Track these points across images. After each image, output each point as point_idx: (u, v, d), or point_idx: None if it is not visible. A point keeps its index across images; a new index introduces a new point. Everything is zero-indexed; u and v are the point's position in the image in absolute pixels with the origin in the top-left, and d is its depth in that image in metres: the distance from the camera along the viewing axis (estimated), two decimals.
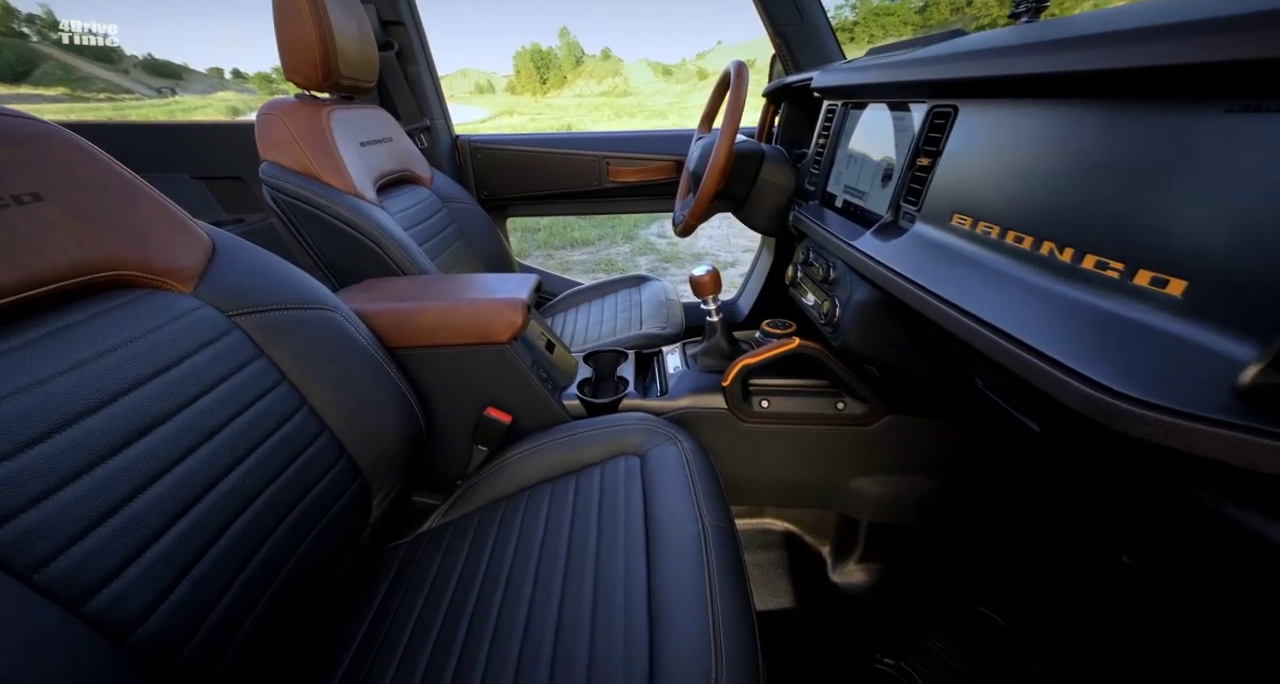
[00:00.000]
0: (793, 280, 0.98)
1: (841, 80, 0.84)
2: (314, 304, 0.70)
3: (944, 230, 0.56)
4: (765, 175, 1.11)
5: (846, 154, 0.87)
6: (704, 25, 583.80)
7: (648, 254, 4.91)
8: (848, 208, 0.84)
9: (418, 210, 1.23)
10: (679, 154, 1.61)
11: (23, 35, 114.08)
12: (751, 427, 0.91)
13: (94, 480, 0.44)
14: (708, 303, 0.96)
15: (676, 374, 0.98)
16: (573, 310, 1.52)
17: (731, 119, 0.97)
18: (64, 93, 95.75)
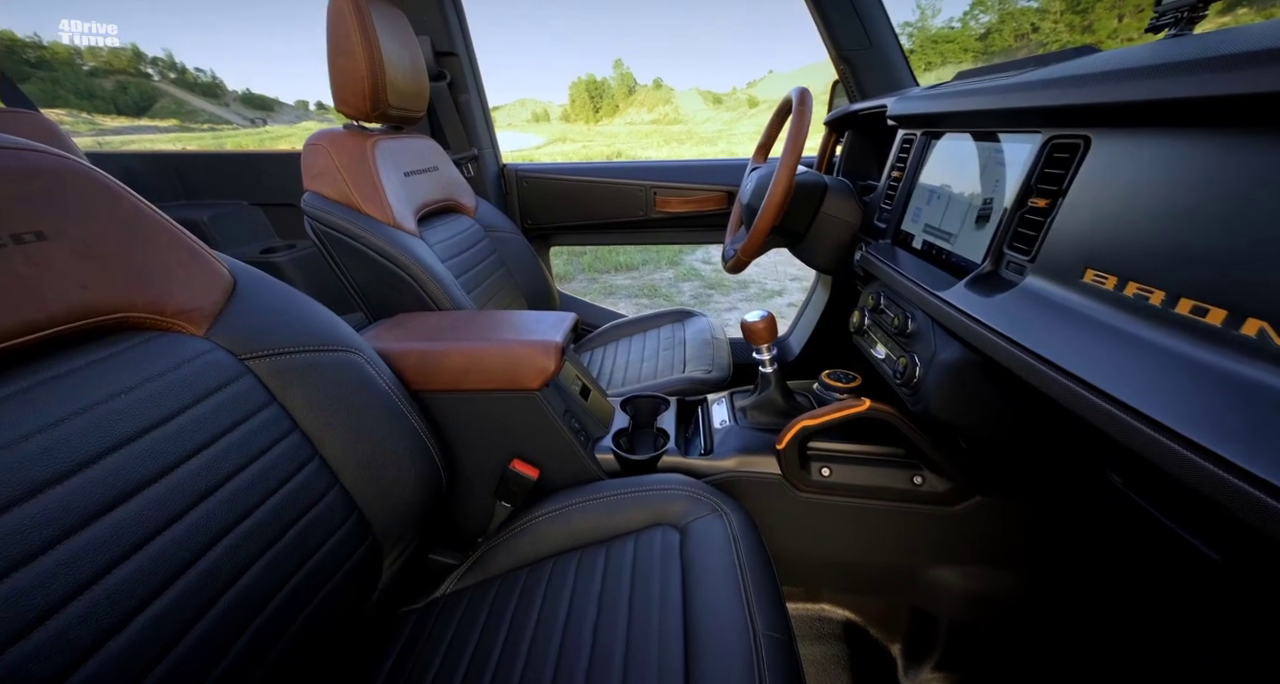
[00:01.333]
0: (859, 328, 0.87)
1: (928, 107, 0.74)
2: (334, 346, 0.65)
3: (1070, 288, 0.45)
4: (827, 209, 1.01)
5: (927, 189, 0.77)
6: (755, 55, 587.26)
7: (691, 280, 4.84)
8: (929, 250, 0.73)
9: (459, 240, 1.20)
10: (730, 185, 1.53)
11: (146, 75, 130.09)
12: (809, 497, 0.79)
13: (66, 550, 0.39)
14: (761, 352, 0.86)
15: (723, 429, 0.88)
16: (612, 345, 1.45)
17: (793, 149, 0.88)
18: (175, 124, 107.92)
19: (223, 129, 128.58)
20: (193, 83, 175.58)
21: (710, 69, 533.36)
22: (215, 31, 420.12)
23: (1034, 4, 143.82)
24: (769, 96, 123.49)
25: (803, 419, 0.75)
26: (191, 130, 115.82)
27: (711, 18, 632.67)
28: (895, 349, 0.74)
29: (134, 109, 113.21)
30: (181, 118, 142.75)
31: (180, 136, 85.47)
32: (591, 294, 4.54)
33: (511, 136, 73.11)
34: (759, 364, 0.87)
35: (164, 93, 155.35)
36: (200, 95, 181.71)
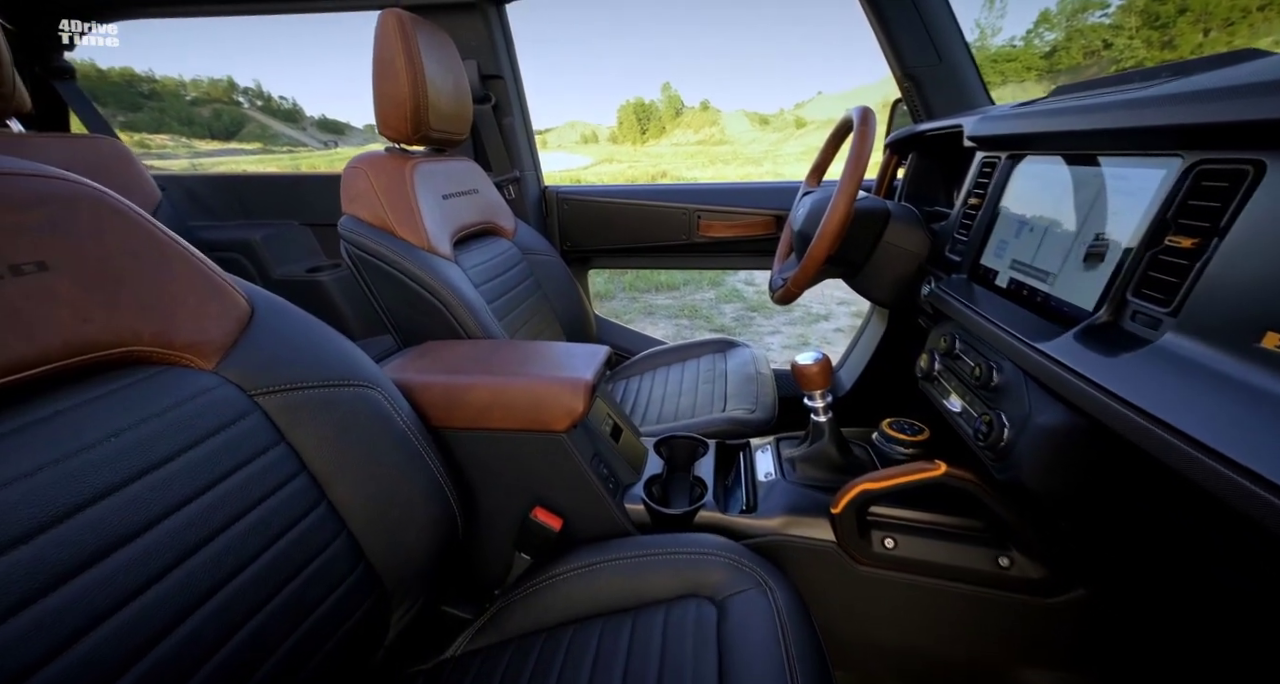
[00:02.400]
0: (927, 373, 0.76)
1: (1023, 127, 0.65)
2: (350, 380, 0.61)
3: (1240, 356, 0.35)
4: (890, 238, 0.91)
5: (1014, 219, 0.66)
6: (804, 76, 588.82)
7: (733, 302, 4.73)
8: (1018, 290, 0.63)
9: (496, 263, 1.17)
10: (779, 209, 1.45)
11: (237, 104, 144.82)
12: (869, 571, 0.68)
13: (57, 599, 0.36)
14: (814, 398, 0.77)
15: (768, 483, 0.78)
16: (649, 374, 1.38)
17: (853, 172, 0.80)
18: (259, 146, 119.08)
19: (299, 151, 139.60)
20: (276, 109, 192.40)
21: (757, 91, 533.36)
22: (298, 62, 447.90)
23: (1105, 20, 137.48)
24: (817, 117, 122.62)
25: (864, 481, 0.65)
26: (272, 152, 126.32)
27: (760, 40, 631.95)
28: (976, 403, 0.63)
29: (225, 133, 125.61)
30: (265, 141, 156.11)
31: (262, 158, 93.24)
32: (631, 313, 4.50)
33: (560, 157, 75.50)
34: (811, 411, 0.77)
35: (251, 119, 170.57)
36: (282, 120, 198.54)
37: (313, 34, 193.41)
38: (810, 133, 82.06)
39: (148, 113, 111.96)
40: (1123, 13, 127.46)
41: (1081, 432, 0.49)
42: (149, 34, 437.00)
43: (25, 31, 1.29)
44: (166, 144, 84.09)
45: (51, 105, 1.36)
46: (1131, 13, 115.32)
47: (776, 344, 3.72)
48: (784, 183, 1.48)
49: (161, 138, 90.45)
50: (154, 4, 1.24)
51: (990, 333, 0.60)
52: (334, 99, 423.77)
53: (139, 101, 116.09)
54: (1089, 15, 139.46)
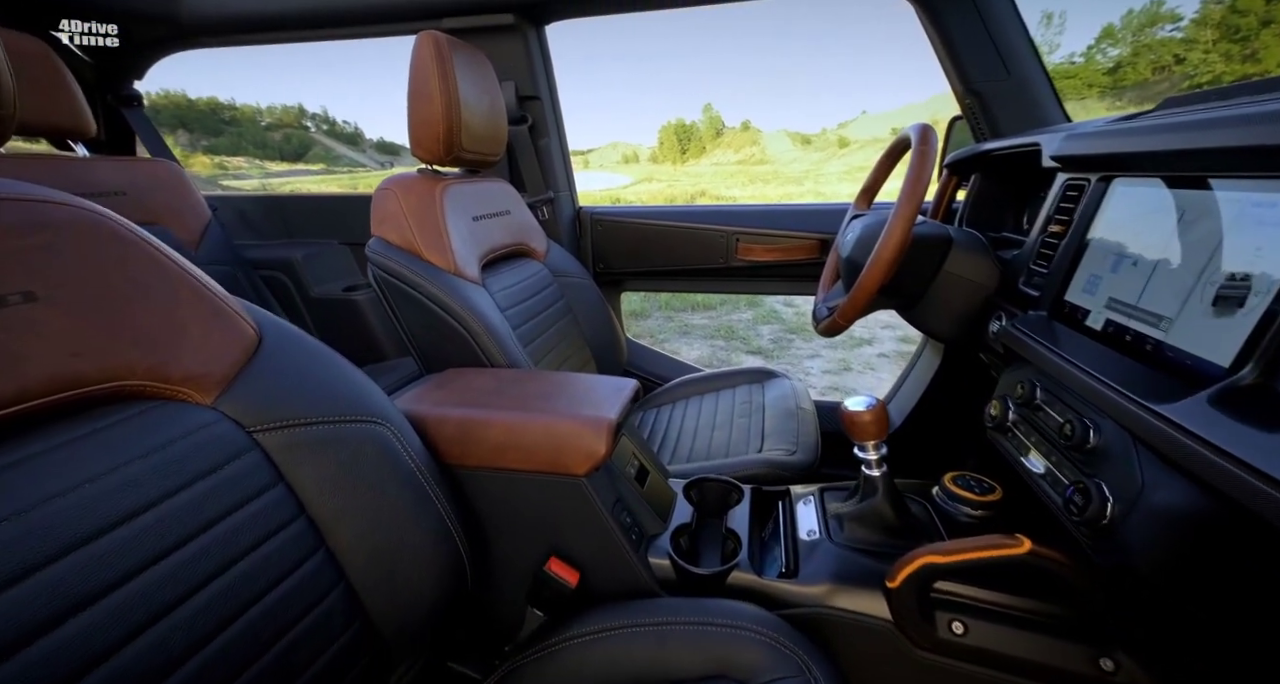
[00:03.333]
0: (999, 423, 0.66)
1: (1118, 146, 0.56)
2: (357, 416, 0.57)
3: None
4: (952, 268, 0.82)
5: (1111, 251, 0.57)
6: (847, 95, 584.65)
7: (771, 323, 4.60)
8: (1118, 335, 0.53)
9: (525, 286, 1.14)
10: (824, 232, 1.37)
11: (305, 128, 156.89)
12: (932, 660, 0.58)
13: (22, 659, 0.33)
14: (867, 449, 0.68)
15: (811, 542, 0.69)
16: (681, 403, 1.31)
17: (911, 195, 0.72)
18: (322, 167, 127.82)
19: (358, 171, 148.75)
20: (339, 133, 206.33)
21: (799, 111, 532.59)
22: (361, 88, 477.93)
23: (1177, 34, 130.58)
24: (860, 137, 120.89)
25: (927, 552, 0.55)
26: (334, 172, 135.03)
27: (803, 61, 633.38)
28: (1064, 466, 0.53)
29: (293, 155, 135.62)
30: (328, 162, 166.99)
31: (324, 177, 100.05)
32: (667, 333, 4.44)
33: (601, 177, 77.15)
34: (862, 462, 0.68)
35: (316, 142, 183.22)
36: (344, 143, 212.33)
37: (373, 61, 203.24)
38: (853, 152, 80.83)
39: (228, 137, 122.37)
40: (1196, 26, 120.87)
41: (1219, 515, 0.39)
42: (233, 65, 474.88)
43: (101, 64, 1.38)
44: (242, 165, 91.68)
45: (121, 130, 1.44)
46: (1207, 26, 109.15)
47: (816, 369, 3.57)
48: (829, 205, 1.40)
49: (238, 160, 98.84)
50: (211, 34, 1.30)
51: (1084, 384, 0.51)
52: (392, 122, 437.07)
53: (221, 127, 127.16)
54: (1158, 29, 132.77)
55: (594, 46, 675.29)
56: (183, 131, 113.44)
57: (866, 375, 3.37)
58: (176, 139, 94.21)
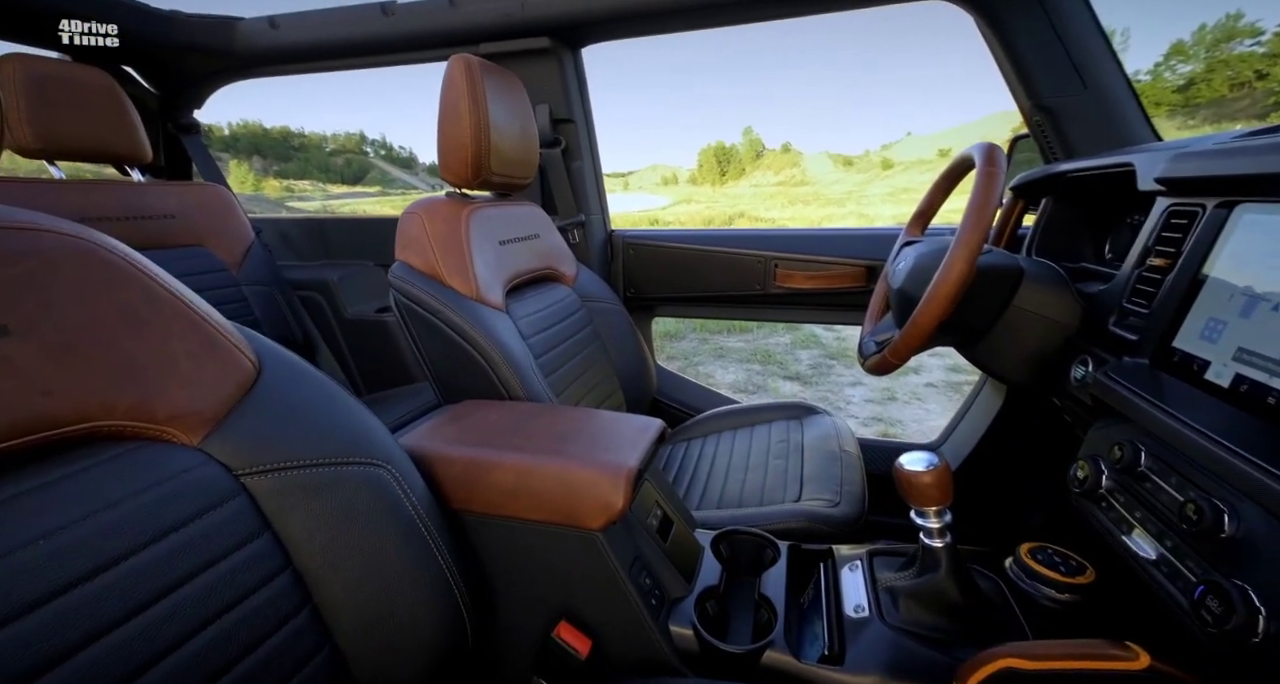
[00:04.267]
0: (1090, 489, 0.55)
1: (1246, 167, 0.46)
2: (356, 457, 0.52)
3: None
4: (1023, 303, 0.73)
5: (1238, 291, 0.47)
6: (892, 117, 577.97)
7: (810, 347, 4.45)
8: (1256, 396, 0.43)
9: (552, 311, 1.10)
10: (871, 258, 1.27)
11: (364, 153, 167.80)
12: None
13: None
14: (927, 516, 0.58)
15: (859, 619, 0.60)
16: (713, 438, 1.22)
17: (976, 222, 0.63)
18: (378, 189, 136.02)
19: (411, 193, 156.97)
20: (395, 157, 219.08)
21: (841, 133, 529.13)
22: (415, 114, 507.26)
23: (1258, 49, 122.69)
24: (905, 158, 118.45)
25: (1009, 655, 0.45)
26: (389, 194, 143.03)
27: (846, 83, 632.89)
28: (1189, 558, 0.43)
29: (353, 179, 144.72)
30: (384, 185, 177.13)
31: (379, 199, 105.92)
32: (701, 355, 4.35)
33: (640, 198, 78.35)
34: (921, 531, 0.59)
35: (374, 166, 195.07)
36: (398, 167, 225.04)
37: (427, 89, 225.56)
38: (897, 174, 79.13)
39: (296, 162, 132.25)
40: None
41: None
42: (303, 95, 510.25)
43: (164, 95, 1.46)
44: (307, 188, 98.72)
45: (180, 157, 1.52)
46: None
47: (858, 397, 3.40)
48: (877, 229, 1.31)
49: (304, 183, 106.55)
50: (263, 65, 1.36)
51: (1212, 455, 0.41)
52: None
53: (290, 153, 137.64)
54: (1235, 44, 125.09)
55: (636, 70, 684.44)
56: (257, 158, 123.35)
57: (912, 407, 3.17)
58: (252, 165, 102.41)
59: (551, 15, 1.14)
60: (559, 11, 1.14)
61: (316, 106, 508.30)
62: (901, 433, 2.88)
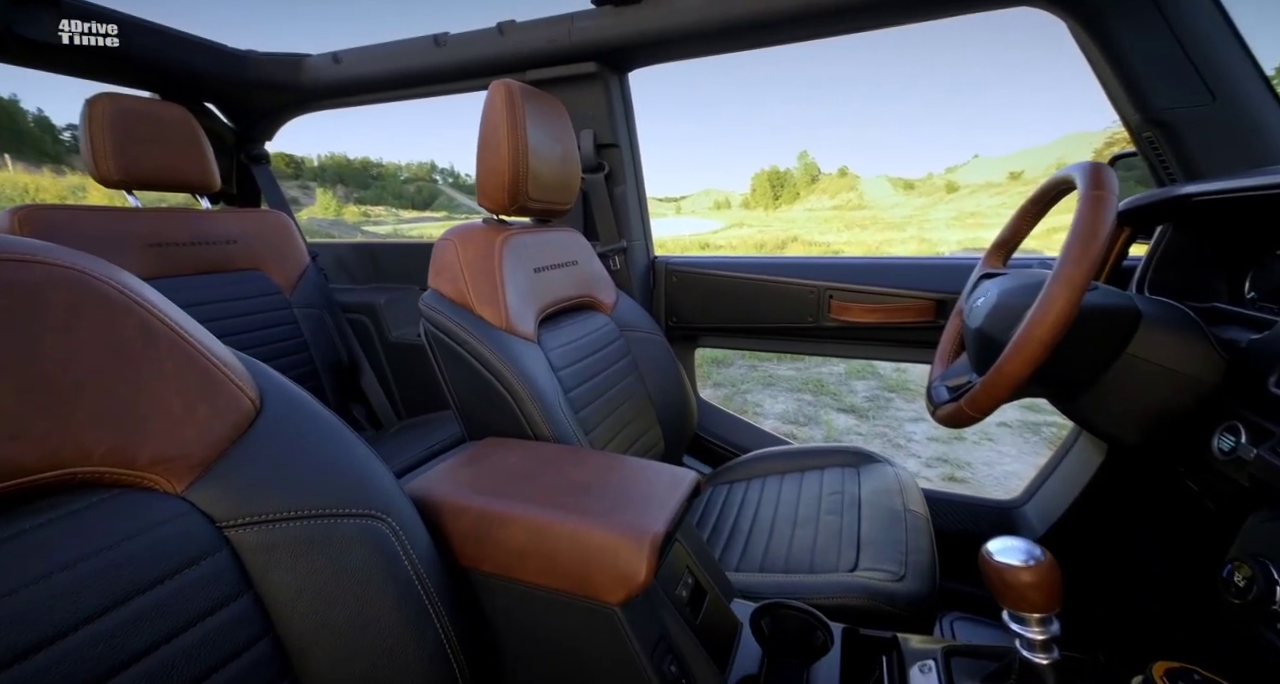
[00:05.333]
0: (1257, 601, 0.42)
1: None
2: (353, 509, 0.48)
3: None
4: (1141, 351, 0.60)
5: None
6: (957, 139, 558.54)
7: (867, 378, 4.19)
8: None
9: (588, 341, 1.05)
10: (940, 291, 1.15)
11: (434, 181, 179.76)
12: None
13: None
14: (1028, 625, 0.46)
15: None
16: (757, 483, 1.12)
17: (1082, 256, 0.53)
18: (444, 214, 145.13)
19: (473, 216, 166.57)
20: (461, 184, 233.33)
21: (902, 155, 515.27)
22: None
23: None
24: (972, 181, 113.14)
25: None
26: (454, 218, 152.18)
27: (909, 105, 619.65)
28: None
29: (422, 204, 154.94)
30: (450, 210, 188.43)
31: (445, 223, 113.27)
32: (749, 383, 4.19)
33: (692, 222, 78.98)
34: (1021, 641, 0.47)
35: (441, 192, 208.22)
36: (464, 193, 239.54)
37: None
38: (963, 198, 75.52)
39: (374, 190, 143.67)
40: None
41: None
42: (383, 127, 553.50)
43: (240, 128, 1.57)
44: (381, 213, 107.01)
45: (251, 185, 1.61)
46: None
47: (920, 434, 3.13)
48: (948, 258, 1.18)
49: (379, 209, 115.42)
50: (327, 97, 1.42)
51: None
52: None
53: (369, 181, 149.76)
54: None
55: (689, 94, 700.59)
56: (340, 186, 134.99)
57: (983, 448, 2.88)
58: (335, 192, 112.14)
59: (598, 40, 1.13)
60: (606, 36, 1.12)
61: (393, 138, 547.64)
62: (970, 478, 2.61)
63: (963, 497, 1.21)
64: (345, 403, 1.46)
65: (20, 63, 1.12)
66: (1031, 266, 0.82)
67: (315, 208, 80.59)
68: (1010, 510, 1.15)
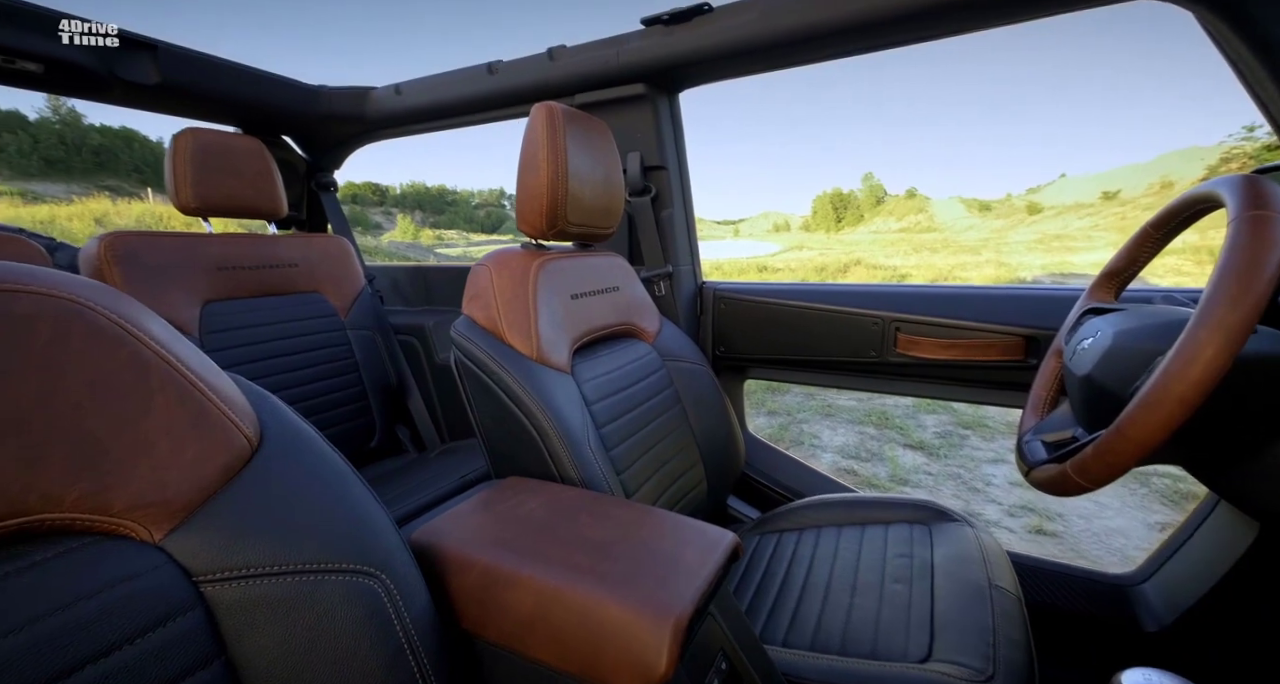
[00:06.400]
0: None
1: None
2: (343, 563, 0.43)
3: None
4: None
5: None
6: (1042, 158, 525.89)
7: (937, 412, 3.86)
8: None
9: (627, 371, 0.99)
10: (1034, 327, 1.00)
11: (502, 206, 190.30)
12: None
13: None
14: None
15: None
16: (810, 535, 1.00)
17: (1239, 292, 0.41)
18: (511, 237, 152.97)
19: None
20: None
21: (976, 176, 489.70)
22: None
23: None
24: (1059, 202, 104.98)
25: None
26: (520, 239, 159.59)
27: (985, 123, 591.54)
28: None
29: (490, 228, 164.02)
30: (516, 233, 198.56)
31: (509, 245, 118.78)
32: (806, 412, 3.97)
33: (748, 245, 78.18)
34: None
35: (509, 217, 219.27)
36: None
37: None
38: (1047, 220, 70.11)
39: (447, 215, 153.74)
40: None
41: None
42: (455, 156, 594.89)
43: (312, 159, 1.67)
44: (453, 236, 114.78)
45: (319, 211, 1.70)
46: None
47: (1001, 479, 2.81)
48: (1040, 289, 1.03)
49: (451, 232, 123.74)
50: (391, 127, 1.49)
51: None
52: None
53: (444, 207, 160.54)
54: None
55: (749, 115, 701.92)
56: (418, 212, 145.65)
57: (1083, 501, 2.52)
58: (413, 218, 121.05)
59: (647, 60, 1.10)
60: (656, 56, 1.09)
61: (467, 166, 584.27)
62: (1063, 532, 2.29)
63: (1061, 566, 1.02)
64: (391, 424, 1.48)
65: (122, 103, 1.24)
66: (1153, 301, 0.68)
67: (395, 232, 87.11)
68: (1126, 589, 0.96)
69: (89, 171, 66.58)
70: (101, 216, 16.58)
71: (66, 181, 59.05)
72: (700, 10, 1.03)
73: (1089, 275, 0.75)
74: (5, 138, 68.34)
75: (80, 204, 19.75)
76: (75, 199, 26.93)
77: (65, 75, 1.06)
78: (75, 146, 70.11)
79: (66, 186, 52.97)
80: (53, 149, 69.40)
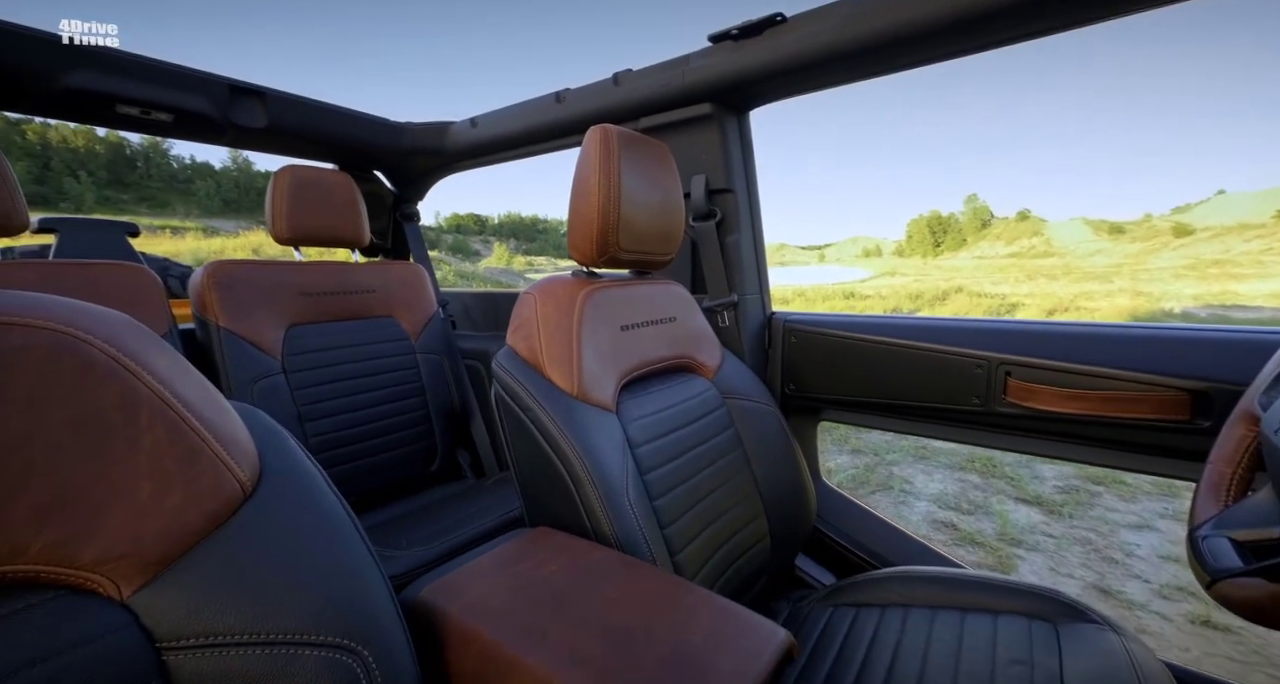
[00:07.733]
0: None
1: None
2: (321, 635, 0.38)
3: None
4: None
5: None
6: (1192, 174, 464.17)
7: (1057, 462, 3.31)
8: None
9: (680, 410, 0.90)
10: (1206, 379, 0.77)
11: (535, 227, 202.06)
12: None
13: None
14: None
15: None
16: (895, 614, 0.83)
17: None
18: (548, 260, 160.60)
19: None
20: None
21: (1111, 195, 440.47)
22: None
23: None
24: (1215, 222, 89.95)
25: None
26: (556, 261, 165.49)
27: (1119, 135, 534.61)
28: None
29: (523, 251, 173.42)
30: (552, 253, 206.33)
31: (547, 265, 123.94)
32: (896, 453, 3.58)
33: (834, 270, 74.95)
34: None
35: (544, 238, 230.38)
36: None
37: None
38: (1198, 243, 60.14)
39: (538, 243, 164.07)
40: None
41: None
42: (541, 188, 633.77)
43: (399, 191, 1.79)
44: (542, 263, 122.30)
45: (403, 240, 1.81)
46: None
47: (1147, 549, 2.31)
48: (1218, 329, 0.81)
49: (541, 259, 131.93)
50: (467, 158, 1.55)
51: None
52: None
53: (535, 236, 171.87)
54: None
55: (836, 134, 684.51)
56: (513, 239, 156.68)
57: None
58: (508, 245, 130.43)
59: (714, 79, 1.04)
60: (723, 73, 1.03)
61: (553, 195, 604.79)
62: (1243, 626, 1.79)
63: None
64: (452, 448, 1.49)
65: (236, 145, 1.39)
66: None
67: (491, 258, 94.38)
68: None
69: (253, 209, 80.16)
70: (257, 247, 19.53)
71: (237, 218, 71.45)
72: (773, 22, 0.96)
73: (1265, 309, 0.56)
74: (198, 184, 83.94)
75: (244, 237, 23.60)
76: (241, 233, 32.21)
77: (190, 122, 1.20)
78: (245, 189, 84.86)
79: (236, 222, 63.95)
80: (230, 191, 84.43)
